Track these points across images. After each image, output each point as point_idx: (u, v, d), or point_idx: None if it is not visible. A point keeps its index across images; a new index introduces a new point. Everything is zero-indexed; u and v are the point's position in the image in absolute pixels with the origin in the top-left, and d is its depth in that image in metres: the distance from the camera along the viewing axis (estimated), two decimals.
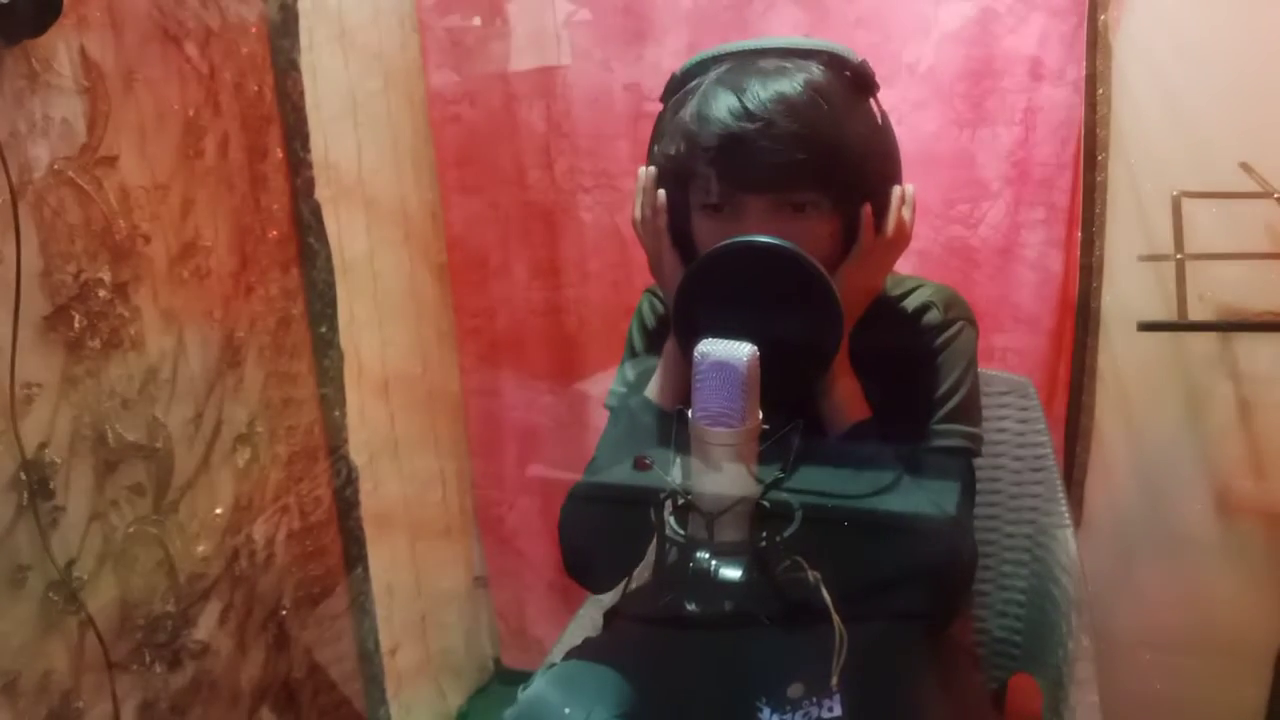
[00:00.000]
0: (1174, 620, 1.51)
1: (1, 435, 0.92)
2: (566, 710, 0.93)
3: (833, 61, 0.90)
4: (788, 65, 0.88)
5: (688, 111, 0.90)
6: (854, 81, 0.91)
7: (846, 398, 0.92)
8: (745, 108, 0.85)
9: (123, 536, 1.07)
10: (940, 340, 0.97)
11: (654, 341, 1.07)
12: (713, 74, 0.90)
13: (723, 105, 0.86)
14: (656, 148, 0.96)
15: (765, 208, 0.88)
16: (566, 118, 1.65)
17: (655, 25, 1.55)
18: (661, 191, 0.94)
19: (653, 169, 0.96)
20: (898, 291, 1.01)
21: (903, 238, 0.93)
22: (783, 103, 0.85)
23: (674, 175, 0.93)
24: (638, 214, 0.97)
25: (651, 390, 0.98)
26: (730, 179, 0.88)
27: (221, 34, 1.21)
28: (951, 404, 0.96)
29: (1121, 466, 1.50)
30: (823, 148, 0.86)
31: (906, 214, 0.93)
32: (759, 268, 0.84)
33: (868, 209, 0.91)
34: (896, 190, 0.93)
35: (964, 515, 0.95)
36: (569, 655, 1.06)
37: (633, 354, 1.09)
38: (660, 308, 1.09)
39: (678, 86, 0.94)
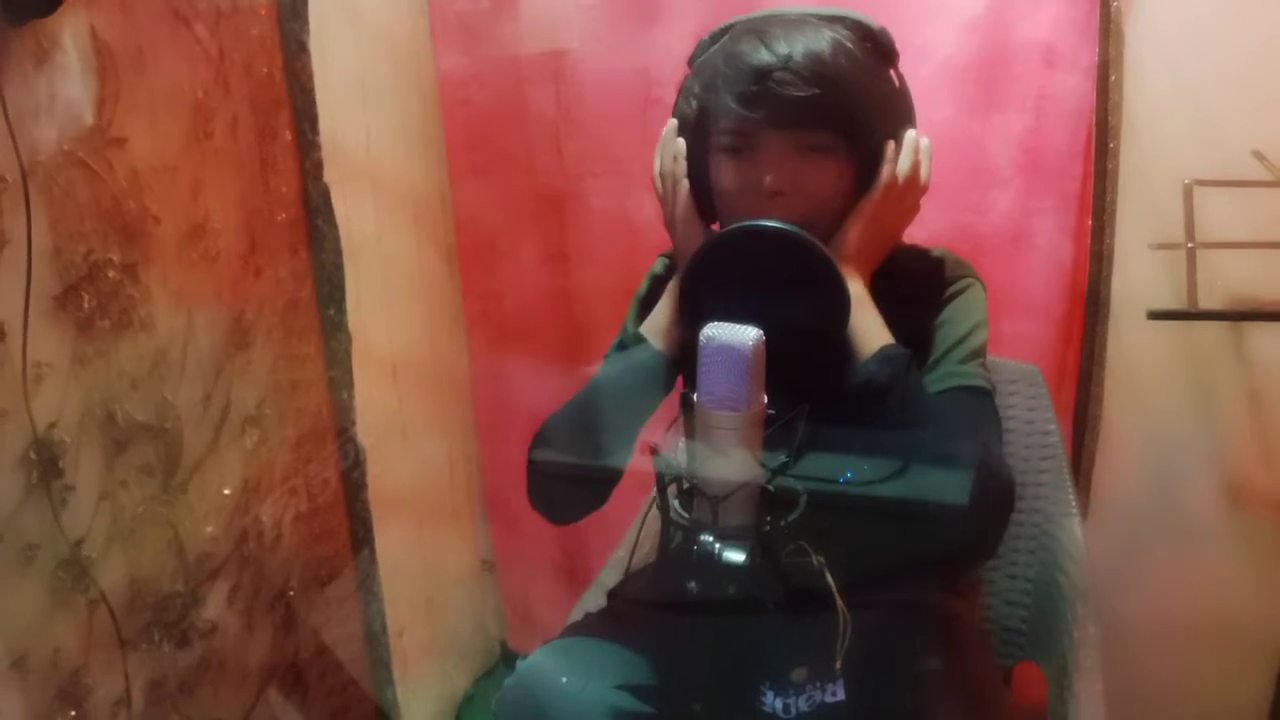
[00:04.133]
0: (1181, 609, 1.50)
1: (12, 415, 0.93)
2: (564, 679, 0.94)
3: (856, 28, 0.95)
4: (813, 22, 0.93)
5: (716, 54, 0.96)
6: (875, 49, 0.95)
7: (872, 325, 0.92)
8: (770, 46, 0.90)
9: (132, 516, 1.08)
10: (950, 293, 1.00)
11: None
12: (740, 26, 0.96)
13: (749, 43, 0.91)
14: (680, 101, 1.00)
15: (782, 149, 0.91)
16: (576, 102, 1.64)
17: (666, 9, 1.54)
18: (681, 140, 0.98)
19: (674, 121, 1.00)
20: (906, 256, 1.04)
21: (918, 182, 0.97)
22: (806, 46, 0.90)
23: (696, 119, 0.97)
24: (657, 167, 1.01)
25: (647, 328, 1.00)
26: (751, 111, 0.91)
27: (231, 15, 1.21)
28: (968, 348, 0.97)
29: (1130, 456, 1.50)
30: (841, 90, 0.90)
31: (923, 160, 0.97)
32: (767, 252, 0.85)
33: (891, 145, 0.95)
34: (911, 135, 0.96)
35: (995, 444, 0.94)
36: (569, 629, 1.07)
37: (638, 312, 1.10)
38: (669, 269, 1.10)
39: (705, 49, 0.99)
